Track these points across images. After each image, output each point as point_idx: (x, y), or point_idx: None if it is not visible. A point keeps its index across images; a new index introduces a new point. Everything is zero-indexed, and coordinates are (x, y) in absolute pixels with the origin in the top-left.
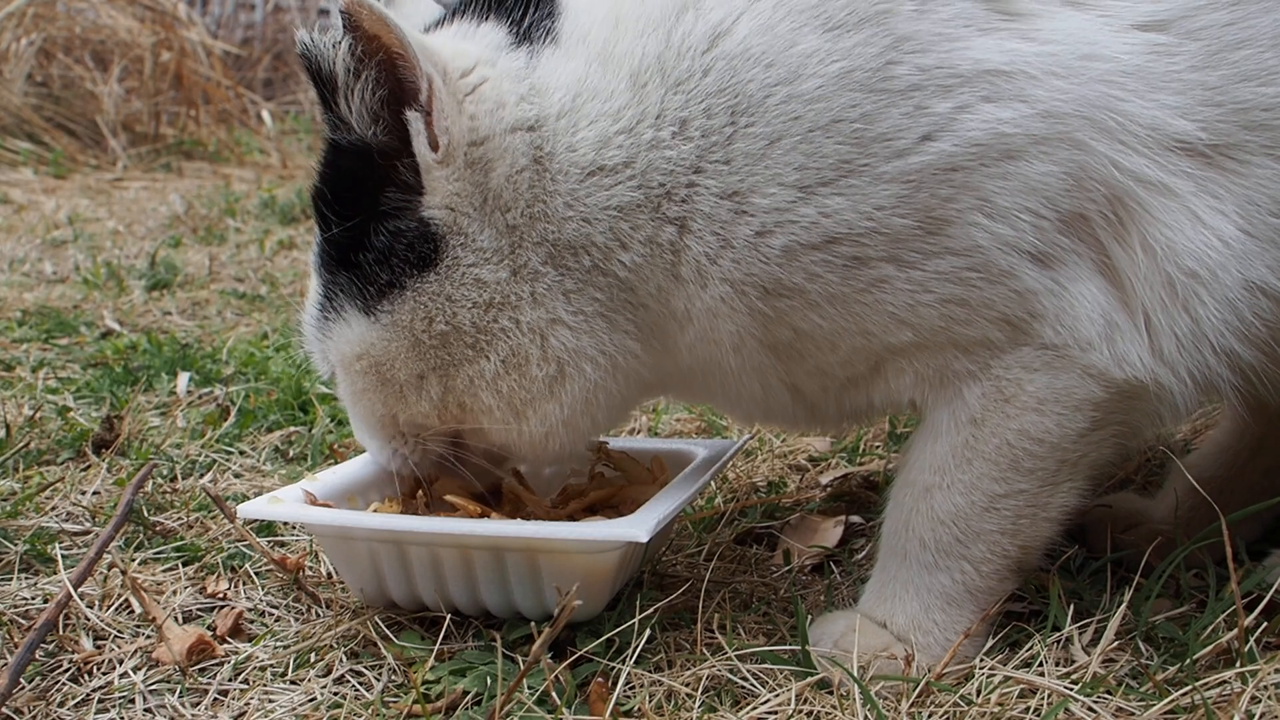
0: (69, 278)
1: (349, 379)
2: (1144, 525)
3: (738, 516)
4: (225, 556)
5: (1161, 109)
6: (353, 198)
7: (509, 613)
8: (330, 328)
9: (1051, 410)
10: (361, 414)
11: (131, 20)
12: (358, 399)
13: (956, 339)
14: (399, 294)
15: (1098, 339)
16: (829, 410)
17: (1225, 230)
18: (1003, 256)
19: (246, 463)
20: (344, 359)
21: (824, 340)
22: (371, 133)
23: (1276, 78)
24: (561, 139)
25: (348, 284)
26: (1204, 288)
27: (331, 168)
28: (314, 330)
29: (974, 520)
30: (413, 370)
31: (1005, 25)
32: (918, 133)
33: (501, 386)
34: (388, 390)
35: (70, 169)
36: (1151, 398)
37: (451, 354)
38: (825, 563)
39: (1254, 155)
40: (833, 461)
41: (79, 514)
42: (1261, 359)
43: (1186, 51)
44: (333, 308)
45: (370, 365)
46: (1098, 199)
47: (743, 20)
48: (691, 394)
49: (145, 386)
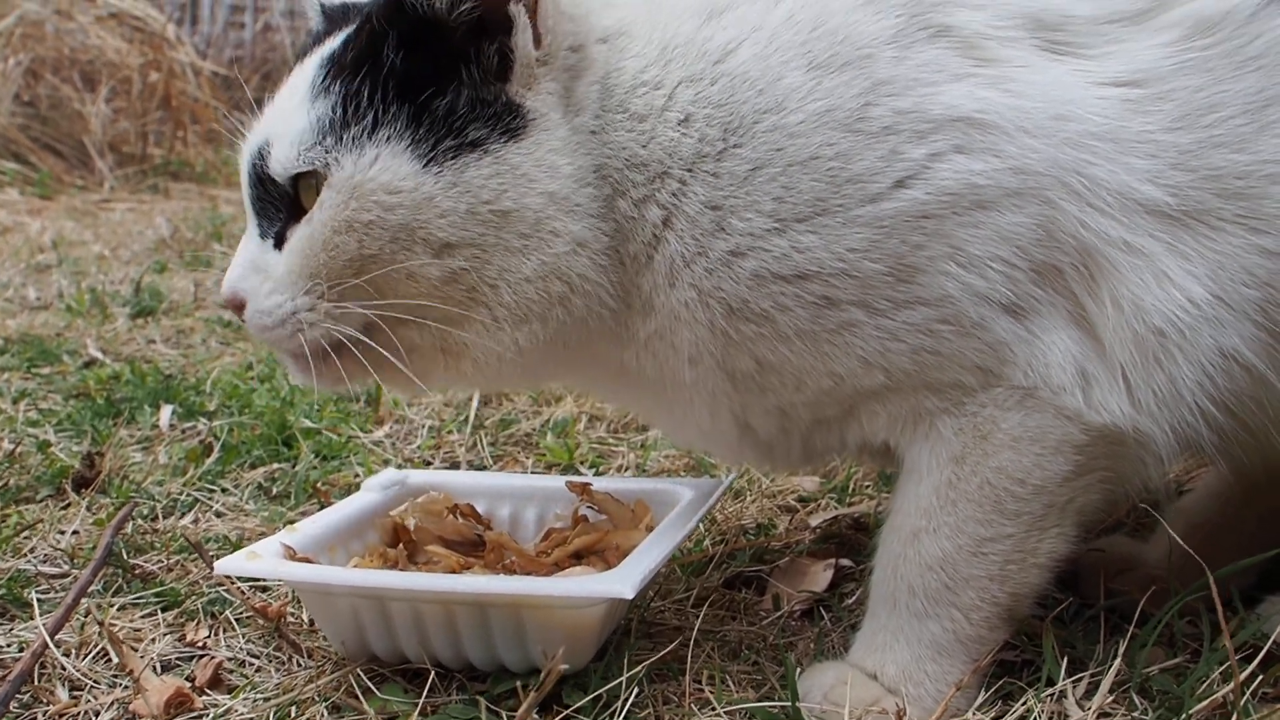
0: (52, 304)
1: (341, 207)
2: (1137, 570)
3: (726, 560)
4: (205, 602)
5: (1130, 173)
6: (423, 45)
7: (493, 666)
8: (349, 148)
9: (1028, 450)
10: (311, 252)
11: (120, 41)
12: (334, 234)
13: (929, 382)
14: (477, 155)
15: (1070, 384)
16: (791, 451)
17: (1195, 292)
18: (974, 308)
19: (229, 501)
20: (356, 186)
21: (789, 377)
22: (464, 6)
23: (1249, 145)
24: (614, 60)
25: (403, 121)
26: (1176, 348)
27: (393, 24)
28: (307, 132)
29: (962, 565)
30: (447, 236)
31: (977, 71)
32: (891, 178)
33: (527, 290)
34: (391, 237)
35: (56, 190)
36: (1133, 445)
37: (501, 237)
38: (815, 608)
39: (1226, 223)
40: (822, 502)
41: (57, 556)
42: (1235, 427)
43: (1161, 111)
44: (359, 130)
45: (394, 206)
46: (1069, 252)
47: (745, 45)
48: (634, 398)
49: (128, 419)
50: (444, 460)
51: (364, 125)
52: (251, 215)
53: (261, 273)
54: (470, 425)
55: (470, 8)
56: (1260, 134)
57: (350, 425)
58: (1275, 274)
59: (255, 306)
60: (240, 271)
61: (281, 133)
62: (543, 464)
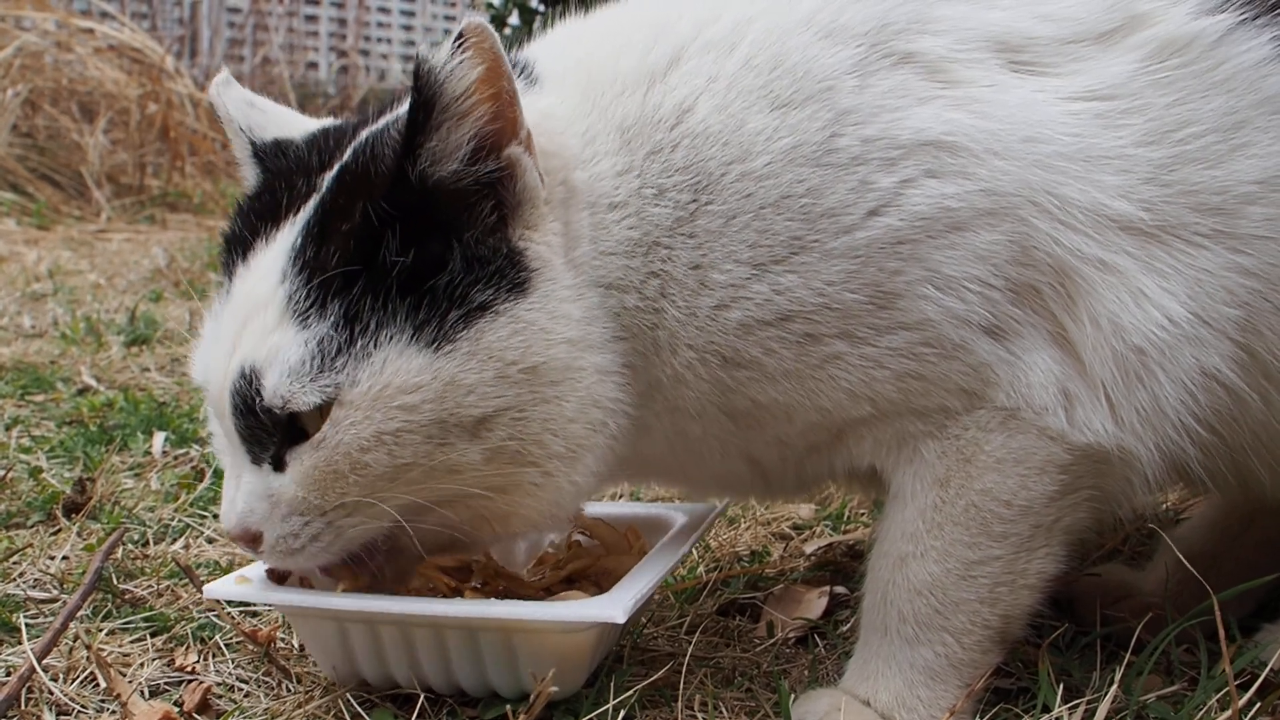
0: (47, 332)
1: (363, 424)
2: (1133, 598)
3: (720, 586)
4: (195, 627)
5: (1101, 190)
6: (422, 230)
7: (484, 691)
8: (358, 361)
9: (1013, 471)
10: (334, 476)
11: (118, 72)
12: (362, 453)
13: (915, 408)
14: (489, 318)
15: (1053, 403)
16: (786, 480)
17: (1174, 310)
18: (954, 330)
19: (220, 527)
20: (375, 399)
21: (780, 413)
22: (476, 167)
23: (1223, 163)
24: (588, 171)
25: (403, 313)
26: (1157, 366)
27: (392, 203)
28: (308, 362)
29: (951, 589)
30: (481, 411)
31: (943, 93)
32: (864, 208)
33: (574, 430)
34: (424, 436)
35: (53, 220)
36: (1118, 464)
37: (535, 391)
38: (809, 635)
39: (1204, 238)
40: (817, 529)
41: (47, 581)
42: (1221, 446)
43: (1131, 125)
44: (366, 341)
45: (419, 405)
46: (1045, 271)
47: (702, 99)
48: (644, 470)
49: (120, 446)
50: None
51: (369, 335)
52: (238, 446)
53: (269, 499)
54: None
55: (492, 164)
56: (1233, 154)
57: None
58: (1254, 293)
59: (276, 533)
60: (246, 503)
61: (268, 360)
62: None
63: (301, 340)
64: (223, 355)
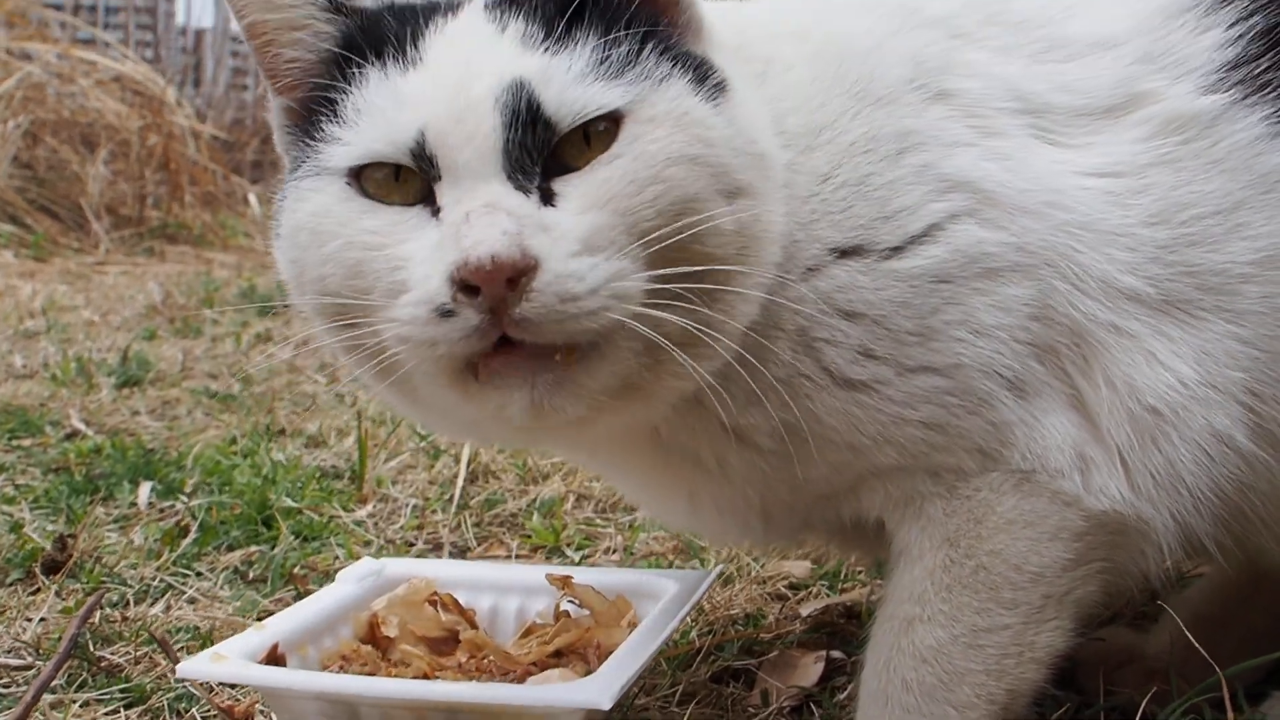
0: (38, 373)
1: (666, 140)
2: (1137, 662)
3: (714, 651)
4: (172, 698)
5: (1112, 263)
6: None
7: None
8: (653, 83)
9: (1023, 534)
10: (630, 193)
11: (120, 105)
12: (666, 166)
13: (932, 465)
14: (727, 98)
15: (1068, 467)
16: (789, 526)
17: (1184, 372)
18: (981, 380)
19: (203, 586)
20: (679, 117)
21: (818, 438)
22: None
23: (1222, 245)
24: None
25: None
26: (1171, 428)
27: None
28: (591, 72)
29: (957, 658)
30: (740, 178)
31: (980, 142)
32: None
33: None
34: (712, 174)
35: (51, 252)
36: (1134, 533)
37: (765, 180)
38: (805, 703)
39: (1207, 313)
40: (814, 589)
41: (20, 648)
42: (1232, 514)
43: (1139, 205)
44: (641, 70)
45: (713, 141)
46: (1063, 332)
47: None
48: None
49: (105, 496)
50: (427, 542)
51: (643, 67)
52: (497, 161)
53: (547, 230)
54: (455, 505)
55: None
56: (1230, 235)
57: (333, 504)
58: (1257, 360)
59: (556, 270)
60: (518, 225)
61: (546, 74)
62: (528, 546)
63: (568, 59)
64: (470, 77)
